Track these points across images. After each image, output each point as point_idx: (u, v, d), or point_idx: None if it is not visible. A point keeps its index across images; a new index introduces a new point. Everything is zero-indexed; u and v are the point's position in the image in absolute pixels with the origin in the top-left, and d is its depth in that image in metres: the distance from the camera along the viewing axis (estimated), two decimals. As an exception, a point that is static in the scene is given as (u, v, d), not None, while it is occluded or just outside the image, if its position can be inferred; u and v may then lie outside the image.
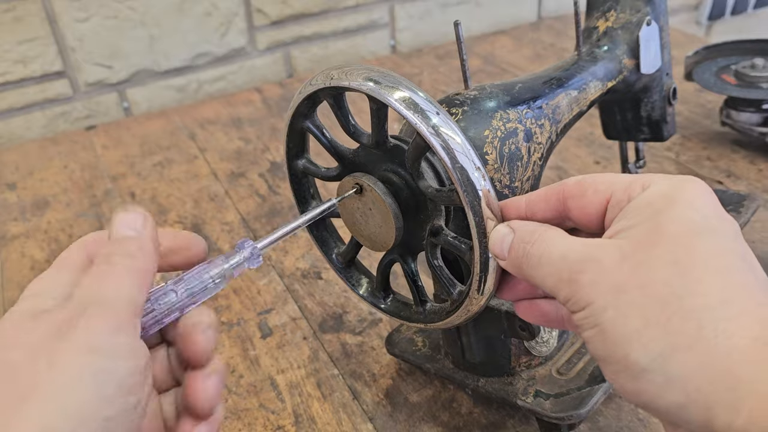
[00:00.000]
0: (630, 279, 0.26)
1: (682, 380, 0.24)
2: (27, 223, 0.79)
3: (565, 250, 0.29)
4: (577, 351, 0.47)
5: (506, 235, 0.32)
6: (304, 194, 0.44)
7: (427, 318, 0.41)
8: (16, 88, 1.00)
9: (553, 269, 0.29)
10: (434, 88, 1.04)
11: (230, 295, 0.63)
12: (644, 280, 0.26)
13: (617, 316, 0.26)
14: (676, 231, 0.26)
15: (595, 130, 0.86)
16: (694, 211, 0.27)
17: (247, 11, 1.09)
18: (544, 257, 0.30)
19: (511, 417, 0.48)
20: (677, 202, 0.27)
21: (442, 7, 1.25)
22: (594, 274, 0.27)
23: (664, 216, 0.27)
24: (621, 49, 0.52)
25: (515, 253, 0.31)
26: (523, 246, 0.31)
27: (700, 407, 0.23)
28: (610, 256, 0.27)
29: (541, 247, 0.30)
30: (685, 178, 0.29)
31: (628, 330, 0.26)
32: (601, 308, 0.27)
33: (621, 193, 0.30)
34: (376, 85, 0.34)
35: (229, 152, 0.91)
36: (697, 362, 0.24)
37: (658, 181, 0.29)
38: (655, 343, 0.25)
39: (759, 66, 0.75)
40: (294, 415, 0.50)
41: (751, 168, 0.75)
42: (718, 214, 0.27)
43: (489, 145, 0.38)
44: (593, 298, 0.27)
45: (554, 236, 0.30)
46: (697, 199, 0.27)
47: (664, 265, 0.26)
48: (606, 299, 0.26)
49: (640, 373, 0.25)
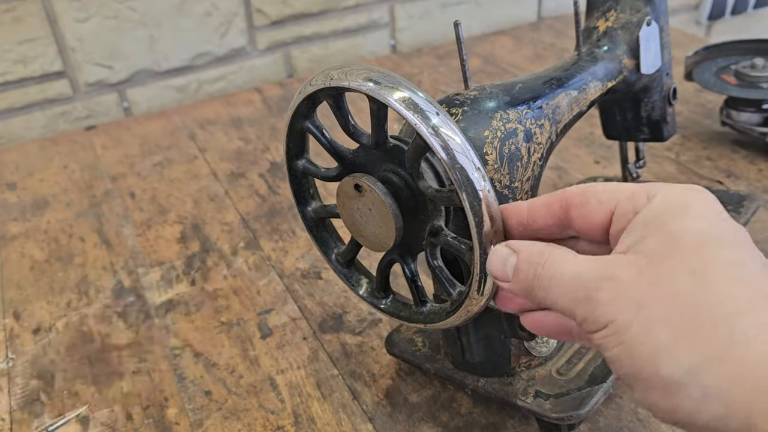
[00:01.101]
0: (651, 293, 0.26)
1: (720, 392, 0.23)
2: (27, 223, 0.79)
3: (579, 269, 0.28)
4: (577, 351, 0.47)
5: (508, 256, 0.32)
6: (304, 194, 0.44)
7: (427, 318, 0.41)
8: (16, 88, 1.00)
9: (566, 290, 0.28)
10: (434, 89, 1.04)
11: (230, 296, 0.63)
12: (666, 292, 0.25)
13: (642, 331, 0.25)
14: (689, 241, 0.26)
15: (595, 130, 0.86)
16: (703, 221, 0.27)
17: (247, 11, 1.09)
18: (555, 278, 0.29)
19: (511, 417, 0.48)
20: (685, 213, 0.27)
21: (442, 7, 1.25)
22: (612, 291, 0.27)
23: (673, 227, 0.27)
24: (621, 49, 0.52)
25: (524, 276, 0.30)
26: (532, 268, 0.30)
27: (741, 418, 0.23)
28: (626, 271, 0.27)
29: (551, 269, 0.29)
30: (688, 187, 0.28)
31: (656, 344, 0.25)
32: (625, 325, 0.26)
33: (625, 204, 0.29)
34: (376, 86, 0.34)
35: (229, 152, 0.91)
36: (733, 372, 0.23)
37: (663, 191, 0.28)
38: (687, 355, 0.24)
39: (759, 66, 0.75)
40: (294, 415, 0.50)
41: (751, 168, 0.75)
42: (726, 222, 0.27)
43: (489, 145, 0.38)
44: (614, 316, 0.26)
45: (564, 256, 0.29)
46: (704, 207, 0.27)
47: (684, 276, 0.25)
48: (628, 316, 0.26)
49: (674, 387, 0.24)
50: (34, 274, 0.69)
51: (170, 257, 0.70)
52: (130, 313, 0.62)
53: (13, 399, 0.54)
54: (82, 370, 0.56)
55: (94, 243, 0.74)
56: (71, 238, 0.75)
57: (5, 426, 0.51)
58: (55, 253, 0.72)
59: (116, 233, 0.75)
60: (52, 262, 0.71)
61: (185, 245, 0.72)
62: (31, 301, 0.65)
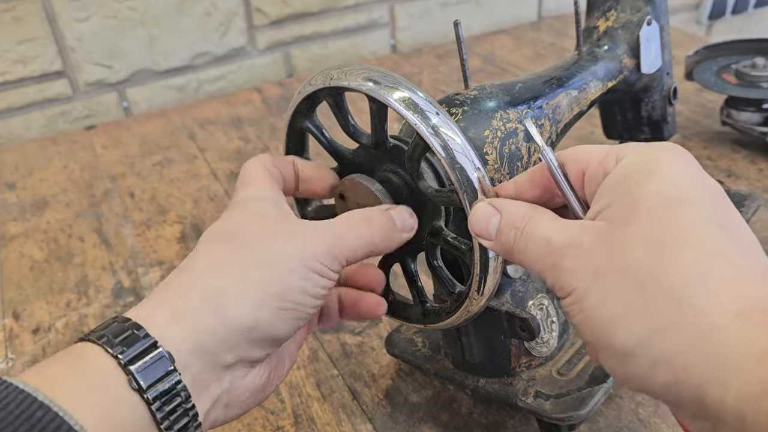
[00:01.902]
0: (608, 262, 0.26)
1: (667, 362, 0.24)
2: (26, 223, 0.78)
3: (550, 234, 0.29)
4: (577, 351, 0.47)
5: (491, 215, 0.32)
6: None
7: (427, 318, 0.41)
8: (15, 87, 0.99)
9: (539, 255, 0.29)
10: (434, 88, 1.04)
11: (230, 295, 0.63)
12: (621, 262, 0.26)
13: (599, 301, 0.26)
14: (650, 205, 0.26)
15: (595, 130, 0.86)
16: (669, 183, 0.26)
17: (246, 11, 1.09)
18: (530, 242, 0.29)
19: (511, 417, 0.48)
20: (651, 175, 0.27)
21: (442, 6, 1.25)
22: (575, 259, 0.27)
23: (637, 191, 0.26)
24: (621, 49, 0.52)
25: (505, 238, 0.31)
26: (513, 231, 0.30)
27: (691, 385, 0.23)
28: (589, 238, 0.27)
29: (529, 232, 0.29)
30: (658, 146, 0.28)
31: (610, 315, 0.25)
32: (584, 294, 0.26)
33: (596, 166, 0.29)
34: (376, 85, 0.34)
35: (228, 152, 0.91)
36: (680, 343, 0.24)
37: (631, 153, 0.28)
38: (637, 327, 0.25)
39: (759, 65, 0.75)
40: (293, 415, 0.50)
41: (751, 168, 0.75)
42: (696, 181, 0.27)
43: (489, 145, 0.38)
44: (575, 284, 0.27)
45: (542, 219, 0.30)
46: (672, 168, 0.27)
47: (639, 245, 0.25)
48: (587, 284, 0.26)
49: (627, 357, 0.25)
50: (33, 274, 0.69)
51: (170, 257, 0.70)
52: (130, 313, 0.62)
53: (13, 399, 0.54)
54: (82, 371, 0.56)
55: (94, 243, 0.73)
56: (71, 238, 0.75)
57: (5, 426, 0.51)
58: (54, 253, 0.72)
59: (116, 233, 0.75)
60: (51, 262, 0.71)
61: (185, 245, 0.71)
62: (30, 301, 0.65)
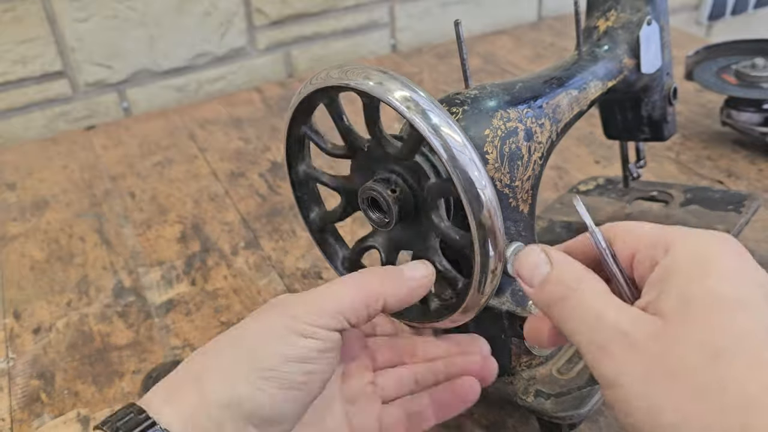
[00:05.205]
0: (660, 364, 0.25)
1: None
2: (26, 223, 0.78)
3: (603, 310, 0.27)
4: (577, 351, 0.47)
5: (541, 263, 0.30)
6: (304, 195, 0.44)
7: (427, 317, 0.41)
8: (15, 88, 0.99)
9: (584, 326, 0.27)
10: (434, 88, 1.04)
11: (230, 295, 0.63)
12: (674, 367, 0.24)
13: (649, 407, 0.24)
14: (705, 307, 0.25)
15: (595, 129, 0.86)
16: (723, 281, 0.25)
17: (246, 11, 1.09)
18: (579, 309, 0.28)
19: (511, 417, 0.48)
20: (706, 271, 0.25)
21: (442, 6, 1.25)
22: (624, 350, 0.26)
23: (690, 288, 0.25)
24: (621, 49, 0.52)
25: (549, 293, 0.29)
26: (563, 289, 0.29)
27: None
28: (641, 331, 0.26)
29: (580, 299, 0.28)
30: (709, 237, 0.27)
31: (663, 424, 0.24)
32: (631, 395, 0.25)
33: (644, 252, 0.28)
34: (377, 85, 0.34)
35: (229, 152, 0.91)
36: None
37: (681, 242, 0.27)
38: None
39: (759, 66, 0.75)
40: (294, 415, 0.50)
41: (751, 168, 0.75)
42: (751, 280, 0.26)
43: (489, 144, 0.38)
44: (621, 381, 0.25)
45: (595, 289, 0.28)
46: (727, 266, 0.26)
47: (694, 349, 0.24)
48: (636, 387, 0.25)
49: None
50: (34, 274, 0.69)
51: (170, 257, 0.70)
52: (131, 313, 0.62)
53: (14, 399, 0.54)
54: (83, 370, 0.56)
55: (94, 243, 0.74)
56: (71, 238, 0.75)
57: (5, 426, 0.51)
58: (55, 253, 0.72)
59: (116, 233, 0.75)
60: (52, 262, 0.71)
61: (185, 245, 0.72)
62: (31, 301, 0.65)
